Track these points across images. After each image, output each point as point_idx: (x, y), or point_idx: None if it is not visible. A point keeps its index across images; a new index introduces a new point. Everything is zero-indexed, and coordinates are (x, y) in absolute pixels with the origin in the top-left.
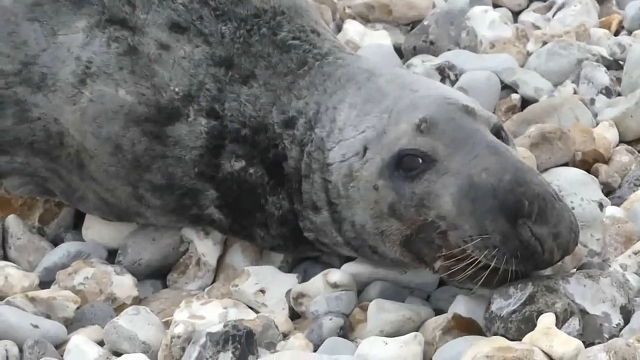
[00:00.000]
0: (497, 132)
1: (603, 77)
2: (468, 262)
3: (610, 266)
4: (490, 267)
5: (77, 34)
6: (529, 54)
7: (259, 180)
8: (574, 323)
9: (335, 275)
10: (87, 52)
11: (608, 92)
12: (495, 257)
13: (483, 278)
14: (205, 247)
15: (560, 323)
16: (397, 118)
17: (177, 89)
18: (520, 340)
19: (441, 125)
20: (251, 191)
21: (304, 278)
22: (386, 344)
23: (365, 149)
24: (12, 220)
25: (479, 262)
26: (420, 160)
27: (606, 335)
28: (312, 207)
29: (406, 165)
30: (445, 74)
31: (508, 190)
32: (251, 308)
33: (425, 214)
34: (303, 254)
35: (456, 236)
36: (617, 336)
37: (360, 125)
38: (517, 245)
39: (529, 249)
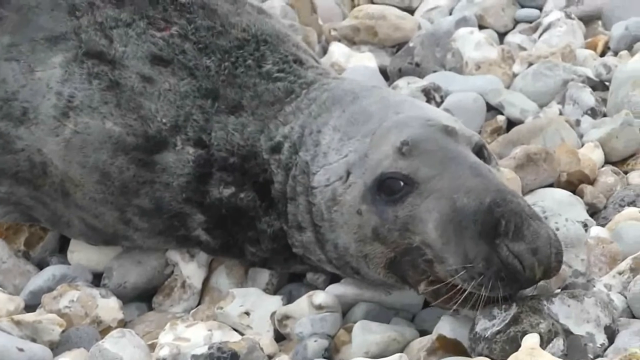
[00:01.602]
0: (479, 150)
1: (589, 98)
2: (455, 290)
3: (594, 286)
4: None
5: (54, 70)
6: (514, 75)
7: (251, 203)
8: (559, 343)
9: (320, 296)
10: (68, 87)
11: (594, 113)
12: (482, 285)
13: (471, 302)
14: (190, 270)
15: (544, 343)
16: (378, 141)
17: (164, 120)
18: None
19: (422, 147)
20: (242, 214)
21: (289, 300)
22: None
23: (349, 174)
24: None
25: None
26: (402, 184)
27: (590, 356)
28: (297, 227)
29: (388, 188)
30: (431, 95)
31: (487, 212)
32: (236, 330)
33: (410, 238)
34: (292, 269)
35: (442, 270)
36: (602, 356)
37: (343, 149)
38: (500, 266)
39: (510, 269)
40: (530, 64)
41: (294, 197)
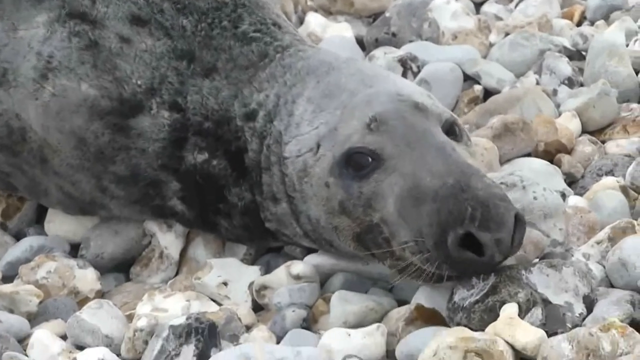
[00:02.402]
0: (450, 127)
1: (565, 67)
2: (409, 264)
3: (572, 256)
4: None
5: (37, 29)
6: (491, 45)
7: (222, 172)
8: (537, 313)
9: (298, 267)
10: (48, 47)
11: (570, 83)
12: (427, 261)
13: (423, 275)
14: (168, 240)
15: (523, 313)
16: (349, 115)
17: (139, 82)
18: (483, 330)
19: (391, 123)
20: (214, 183)
21: (267, 270)
22: (349, 335)
23: (319, 146)
24: None
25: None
26: (370, 159)
27: (569, 325)
28: (272, 199)
29: (356, 163)
30: (408, 65)
31: (450, 195)
32: (214, 300)
33: (371, 215)
34: (266, 245)
35: (396, 244)
36: (580, 325)
37: (315, 121)
38: (448, 253)
39: (460, 262)
40: (507, 34)
41: (268, 167)
